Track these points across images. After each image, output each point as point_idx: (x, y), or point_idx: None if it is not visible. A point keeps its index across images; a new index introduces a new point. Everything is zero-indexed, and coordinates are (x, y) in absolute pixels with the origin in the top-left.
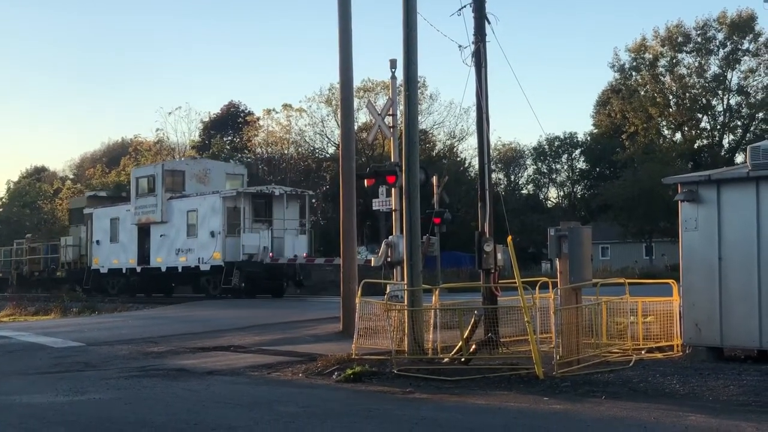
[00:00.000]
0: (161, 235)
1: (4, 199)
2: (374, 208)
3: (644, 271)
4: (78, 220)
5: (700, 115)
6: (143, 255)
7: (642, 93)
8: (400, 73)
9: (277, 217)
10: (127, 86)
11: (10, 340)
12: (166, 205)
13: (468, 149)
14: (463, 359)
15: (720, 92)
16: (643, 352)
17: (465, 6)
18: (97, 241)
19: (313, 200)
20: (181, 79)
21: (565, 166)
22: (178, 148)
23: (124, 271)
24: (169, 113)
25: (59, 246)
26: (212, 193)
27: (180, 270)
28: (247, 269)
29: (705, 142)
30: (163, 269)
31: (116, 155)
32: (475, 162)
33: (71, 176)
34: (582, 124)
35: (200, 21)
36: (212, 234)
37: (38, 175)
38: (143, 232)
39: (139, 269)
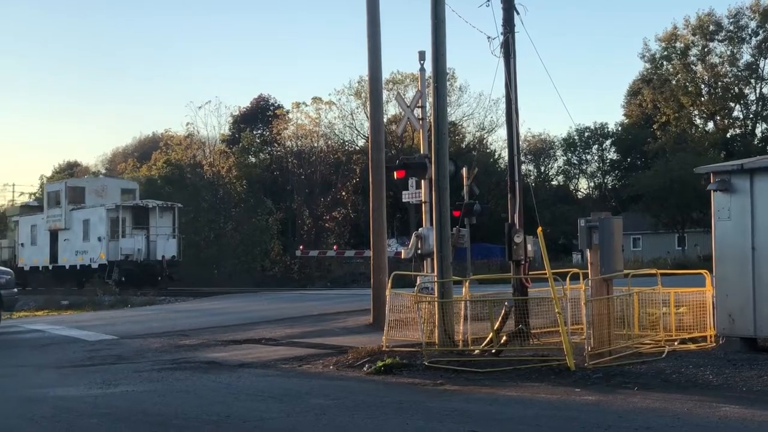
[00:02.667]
0: (65, 240)
1: (37, 194)
2: (404, 200)
3: (677, 262)
4: (13, 226)
5: (732, 104)
6: (54, 255)
7: (673, 82)
8: (428, 65)
9: (152, 225)
10: (158, 81)
11: (44, 333)
12: (68, 215)
13: (497, 141)
14: (493, 351)
15: (752, 81)
16: (675, 343)
17: None
18: (22, 244)
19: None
20: (211, 74)
21: (596, 157)
22: (208, 142)
23: (40, 268)
24: (199, 107)
25: None
26: (100, 205)
27: (78, 268)
28: (125, 267)
29: (738, 131)
30: (67, 267)
31: (147, 149)
32: (505, 153)
33: (103, 171)
34: (613, 115)
35: (230, 15)
36: (99, 239)
37: (71, 170)
38: (54, 236)
39: (51, 267)
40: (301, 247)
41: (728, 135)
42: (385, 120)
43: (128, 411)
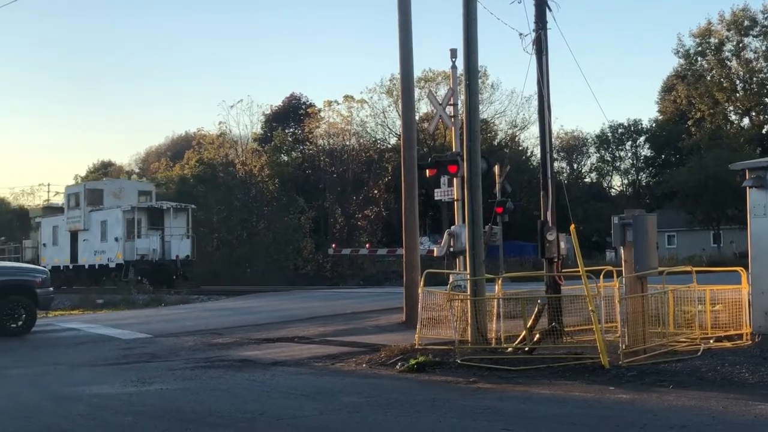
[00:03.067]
0: (84, 240)
1: None
2: (436, 198)
3: (712, 259)
4: (36, 226)
5: (767, 100)
6: (74, 255)
7: (708, 78)
8: (460, 63)
9: (167, 226)
10: (190, 80)
11: (79, 332)
12: (87, 217)
13: (530, 138)
14: (526, 348)
15: None
16: (711, 341)
17: None
18: (44, 244)
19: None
20: (243, 73)
21: (629, 154)
22: (240, 141)
23: (61, 268)
24: (231, 106)
25: (21, 247)
26: (116, 207)
27: (97, 267)
28: (140, 266)
29: None
30: (86, 266)
31: (180, 149)
32: (537, 151)
33: (137, 170)
34: (646, 111)
35: (263, 14)
36: (116, 239)
37: (105, 169)
38: (74, 237)
39: (71, 266)
40: (333, 245)
41: (764, 131)
42: (417, 118)
43: (163, 409)
